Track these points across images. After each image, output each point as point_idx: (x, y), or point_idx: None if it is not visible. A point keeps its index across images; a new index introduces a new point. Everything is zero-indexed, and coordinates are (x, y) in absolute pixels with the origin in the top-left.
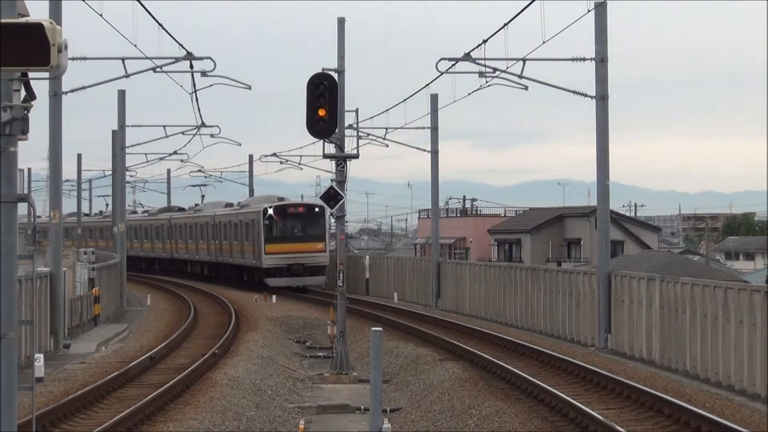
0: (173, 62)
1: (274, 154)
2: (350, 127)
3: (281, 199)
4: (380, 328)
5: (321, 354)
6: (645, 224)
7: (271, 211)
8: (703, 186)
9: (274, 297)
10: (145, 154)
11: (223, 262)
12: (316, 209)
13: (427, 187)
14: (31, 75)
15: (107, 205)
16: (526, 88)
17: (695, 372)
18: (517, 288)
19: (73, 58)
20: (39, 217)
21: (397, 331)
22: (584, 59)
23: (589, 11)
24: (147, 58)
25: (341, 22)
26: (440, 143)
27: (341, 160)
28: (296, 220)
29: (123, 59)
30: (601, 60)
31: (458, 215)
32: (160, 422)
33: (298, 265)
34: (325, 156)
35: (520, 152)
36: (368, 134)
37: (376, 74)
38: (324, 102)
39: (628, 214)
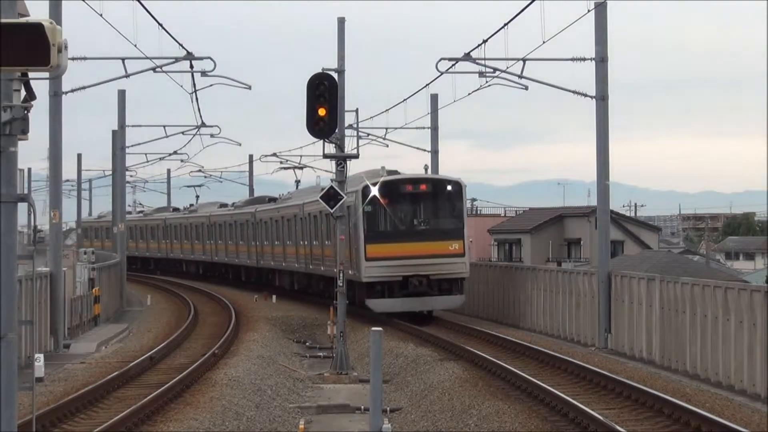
0: (173, 62)
1: (274, 154)
2: (350, 127)
3: (392, 172)
4: (380, 328)
5: (321, 354)
6: (645, 224)
7: (375, 191)
8: (703, 186)
9: (274, 297)
10: (145, 154)
11: (273, 268)
12: (449, 187)
13: None
14: (31, 75)
15: (136, 204)
16: (526, 88)
17: (695, 372)
18: (517, 288)
19: (73, 58)
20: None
21: (397, 331)
22: (584, 59)
23: (589, 11)
24: (147, 58)
25: (341, 22)
26: (440, 143)
27: (341, 160)
28: (417, 206)
29: (123, 59)
30: (601, 60)
31: None
32: (160, 422)
33: (421, 277)
34: (325, 156)
35: (520, 152)
36: (368, 134)
37: (376, 74)
38: (324, 102)
39: (628, 214)
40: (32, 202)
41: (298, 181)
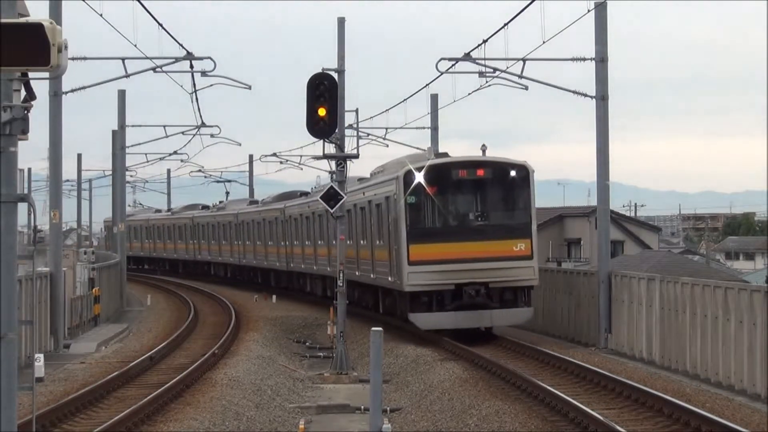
0: (173, 62)
1: (274, 154)
2: (350, 127)
3: (442, 155)
4: (380, 328)
5: (321, 354)
6: (645, 224)
7: (420, 177)
8: (703, 186)
9: (274, 297)
10: (145, 154)
11: (303, 272)
12: (513, 172)
13: None
14: (31, 75)
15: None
16: (526, 88)
17: (695, 372)
18: None
19: (73, 58)
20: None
21: (397, 330)
22: (584, 59)
23: (589, 11)
24: (147, 58)
25: (341, 22)
26: (440, 143)
27: (341, 160)
28: (473, 196)
29: (123, 59)
30: (601, 60)
31: None
32: (160, 422)
33: (478, 285)
34: (325, 156)
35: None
36: (368, 134)
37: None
38: (324, 102)
39: (628, 214)
40: (32, 202)
41: (332, 173)
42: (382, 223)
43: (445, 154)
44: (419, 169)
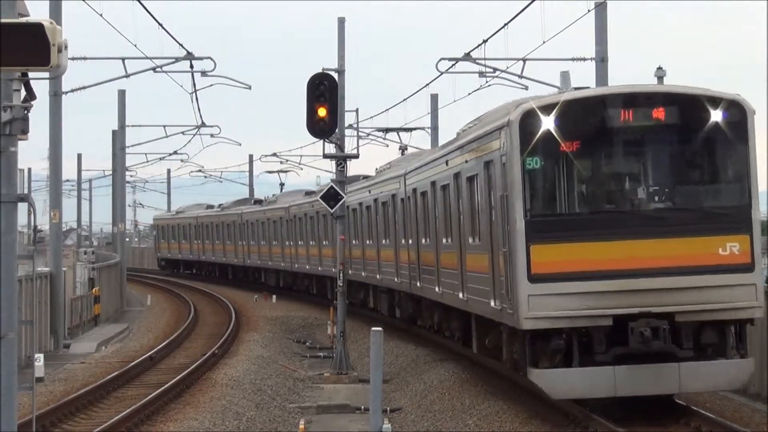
0: (173, 62)
1: (274, 154)
2: (350, 127)
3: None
4: (380, 328)
5: (321, 354)
6: None
7: (551, 121)
8: None
9: (274, 297)
10: (145, 154)
11: (364, 282)
12: (719, 113)
13: None
14: (31, 75)
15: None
16: (527, 88)
17: None
18: None
19: (73, 58)
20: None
21: (397, 331)
22: (584, 59)
23: (589, 11)
24: (147, 58)
25: (341, 22)
26: (440, 143)
27: (341, 160)
28: (643, 156)
29: (123, 59)
30: (601, 60)
31: None
32: (160, 422)
33: (657, 320)
34: (325, 156)
35: None
36: (368, 134)
37: (376, 74)
38: (324, 102)
39: None
40: (32, 202)
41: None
42: (462, 211)
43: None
44: (548, 108)
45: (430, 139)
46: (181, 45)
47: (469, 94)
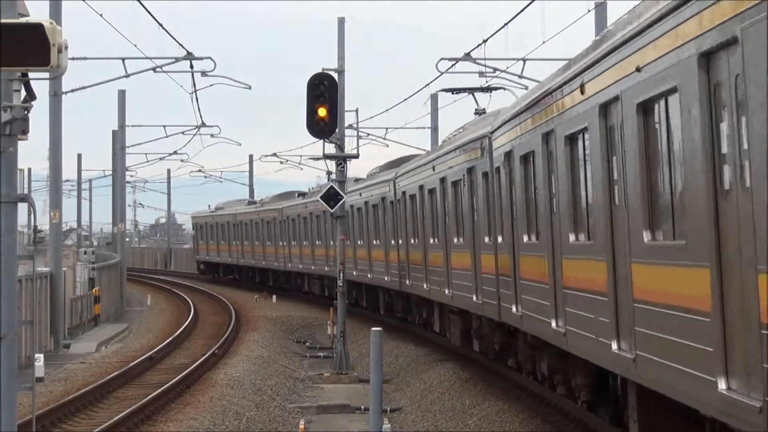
0: (173, 62)
1: (274, 154)
2: (350, 127)
3: None
4: (380, 329)
5: (321, 354)
6: None
7: None
8: None
9: (274, 297)
10: (145, 154)
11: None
12: None
13: None
14: (31, 75)
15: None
16: (527, 88)
17: None
18: None
19: (73, 58)
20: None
21: (397, 331)
22: None
23: (589, 11)
24: (147, 58)
25: (341, 22)
26: (440, 143)
27: (341, 160)
28: None
29: (123, 59)
30: None
31: None
32: (160, 422)
33: None
34: (325, 156)
35: None
36: (368, 134)
37: (376, 74)
38: (324, 102)
39: None
40: (32, 202)
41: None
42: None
43: None
44: None
45: (430, 139)
46: (181, 45)
47: (469, 93)
